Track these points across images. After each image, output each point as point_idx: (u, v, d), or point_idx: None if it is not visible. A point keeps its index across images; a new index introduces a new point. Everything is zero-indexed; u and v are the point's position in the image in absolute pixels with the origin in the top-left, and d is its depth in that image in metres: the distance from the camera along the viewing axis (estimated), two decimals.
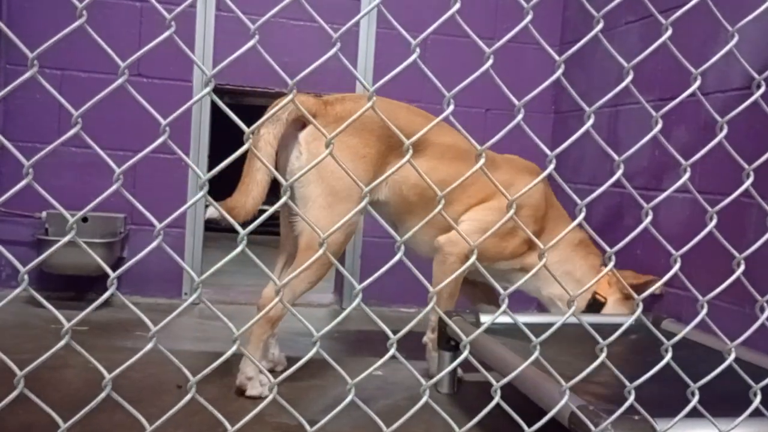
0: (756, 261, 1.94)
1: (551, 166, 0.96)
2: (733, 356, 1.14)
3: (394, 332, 0.97)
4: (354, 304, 0.94)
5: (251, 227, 0.89)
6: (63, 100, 0.76)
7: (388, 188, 2.26)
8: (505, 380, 1.03)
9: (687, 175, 1.07)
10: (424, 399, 0.94)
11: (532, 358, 1.03)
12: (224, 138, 3.52)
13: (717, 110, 1.13)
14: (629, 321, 1.06)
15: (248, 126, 0.86)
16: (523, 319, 2.03)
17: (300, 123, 2.10)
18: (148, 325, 0.86)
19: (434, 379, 1.04)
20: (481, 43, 0.90)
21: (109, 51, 0.77)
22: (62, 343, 0.78)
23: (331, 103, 2.17)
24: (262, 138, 2.04)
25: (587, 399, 1.41)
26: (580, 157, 3.23)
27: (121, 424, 1.68)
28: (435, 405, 0.99)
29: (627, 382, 1.08)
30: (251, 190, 2.04)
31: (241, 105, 3.42)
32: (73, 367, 2.07)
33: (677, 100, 1.07)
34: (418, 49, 0.86)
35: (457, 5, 0.85)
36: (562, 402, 1.11)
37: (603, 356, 1.04)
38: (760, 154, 1.18)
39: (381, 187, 2.24)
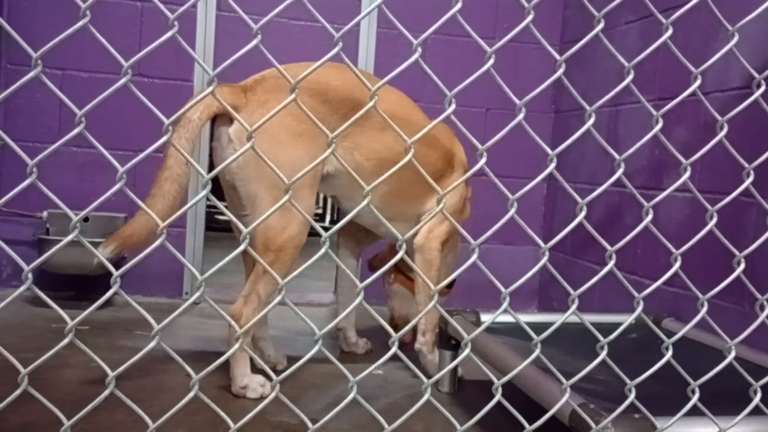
0: (756, 259, 1.95)
1: (552, 165, 0.96)
2: (733, 354, 1.14)
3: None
4: (356, 302, 0.94)
5: (253, 226, 0.90)
6: (66, 99, 0.76)
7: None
8: (506, 378, 1.04)
9: (687, 174, 1.07)
10: (426, 396, 0.94)
11: (533, 356, 1.03)
12: None
13: (716, 110, 1.13)
14: (629, 319, 1.06)
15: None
16: (523, 318, 2.04)
17: (226, 117, 1.96)
18: (151, 324, 0.87)
19: (435, 378, 1.04)
20: (482, 42, 0.91)
21: (113, 51, 0.78)
22: (66, 341, 0.79)
23: (251, 88, 1.99)
24: (174, 143, 1.93)
25: (588, 397, 1.41)
26: (580, 157, 3.23)
27: (122, 422, 1.68)
28: (436, 402, 0.99)
29: (627, 380, 1.08)
30: (156, 204, 1.86)
31: None
32: (73, 366, 2.08)
33: (678, 99, 1.08)
34: (419, 49, 0.87)
35: (459, 5, 0.86)
36: (563, 400, 1.11)
37: (604, 354, 1.04)
38: (758, 152, 1.18)
39: (329, 159, 2.04)
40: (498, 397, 0.99)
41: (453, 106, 0.87)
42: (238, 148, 1.93)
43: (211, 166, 2.09)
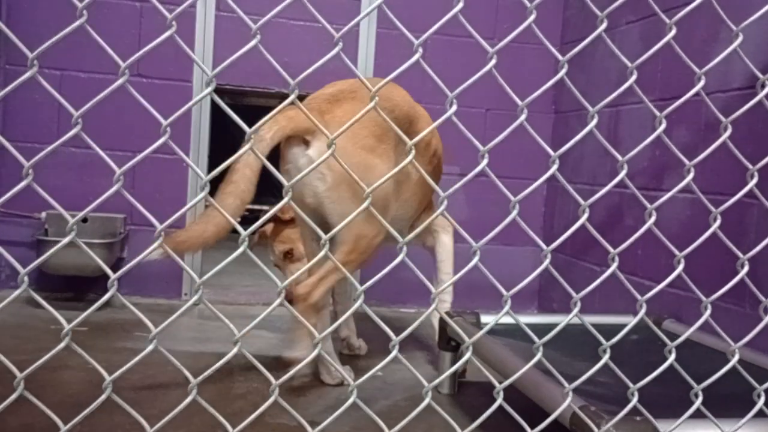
0: (758, 261, 1.95)
1: (554, 167, 0.96)
2: (736, 358, 1.13)
3: (395, 333, 0.97)
4: (356, 305, 0.93)
5: (252, 228, 0.89)
6: (63, 100, 0.75)
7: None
8: (507, 382, 1.03)
9: (691, 176, 1.07)
10: (426, 401, 0.94)
11: (534, 360, 1.02)
12: (224, 138, 3.53)
13: (718, 110, 1.12)
14: (634, 321, 1.05)
15: (249, 126, 0.85)
16: (523, 320, 2.03)
17: (298, 139, 1.97)
18: (148, 327, 0.86)
19: (436, 381, 1.03)
20: (483, 42, 0.90)
21: (110, 51, 0.77)
22: (62, 344, 0.78)
23: (328, 110, 2.01)
24: (242, 158, 1.87)
25: (588, 399, 1.41)
26: (580, 157, 3.22)
27: (121, 425, 1.67)
28: (437, 407, 0.98)
29: (630, 384, 1.07)
30: (215, 217, 1.87)
31: (240, 105, 3.42)
32: (72, 368, 2.07)
33: (681, 100, 1.07)
34: (420, 49, 0.86)
35: (461, 4, 0.85)
36: (565, 405, 1.11)
37: (606, 357, 1.03)
38: (760, 153, 1.17)
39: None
40: (499, 401, 0.99)
41: (454, 107, 0.87)
42: (324, 171, 1.95)
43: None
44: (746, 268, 1.11)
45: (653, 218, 1.02)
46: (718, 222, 1.08)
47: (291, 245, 2.50)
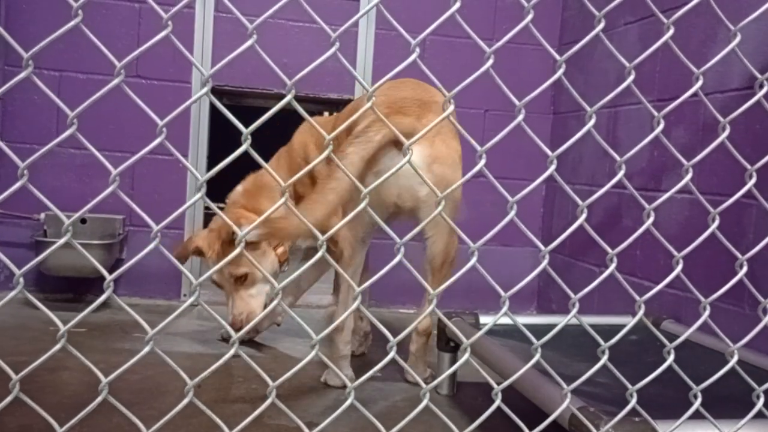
0: (757, 261, 1.94)
1: (552, 167, 0.95)
2: (735, 358, 1.13)
3: (394, 334, 0.96)
4: (353, 307, 0.93)
5: (248, 229, 0.89)
6: (58, 101, 0.75)
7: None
8: (505, 383, 1.03)
9: (689, 176, 1.06)
10: (424, 402, 0.93)
11: (533, 361, 1.02)
12: (224, 139, 3.53)
13: (716, 111, 1.12)
14: (632, 322, 1.05)
15: (246, 126, 0.85)
16: (522, 320, 2.03)
17: (393, 144, 1.94)
18: (145, 328, 0.86)
19: (434, 382, 1.03)
20: (481, 42, 0.90)
21: (105, 51, 0.77)
22: (58, 346, 0.78)
23: (423, 116, 2.01)
24: (347, 157, 1.89)
25: (587, 400, 1.40)
26: (579, 158, 3.22)
27: (120, 426, 1.67)
28: (435, 408, 0.98)
29: (629, 385, 1.07)
30: (315, 211, 1.85)
31: (240, 106, 3.42)
32: (70, 369, 2.07)
33: (679, 100, 1.06)
34: (417, 49, 0.86)
35: (457, 4, 0.85)
36: (563, 406, 1.10)
37: (605, 359, 1.03)
38: (758, 153, 1.17)
39: None
40: (498, 402, 0.98)
41: (452, 107, 0.86)
42: (426, 175, 1.97)
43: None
44: (745, 269, 1.11)
45: (652, 219, 1.02)
46: (717, 222, 1.08)
47: (247, 269, 2.38)
